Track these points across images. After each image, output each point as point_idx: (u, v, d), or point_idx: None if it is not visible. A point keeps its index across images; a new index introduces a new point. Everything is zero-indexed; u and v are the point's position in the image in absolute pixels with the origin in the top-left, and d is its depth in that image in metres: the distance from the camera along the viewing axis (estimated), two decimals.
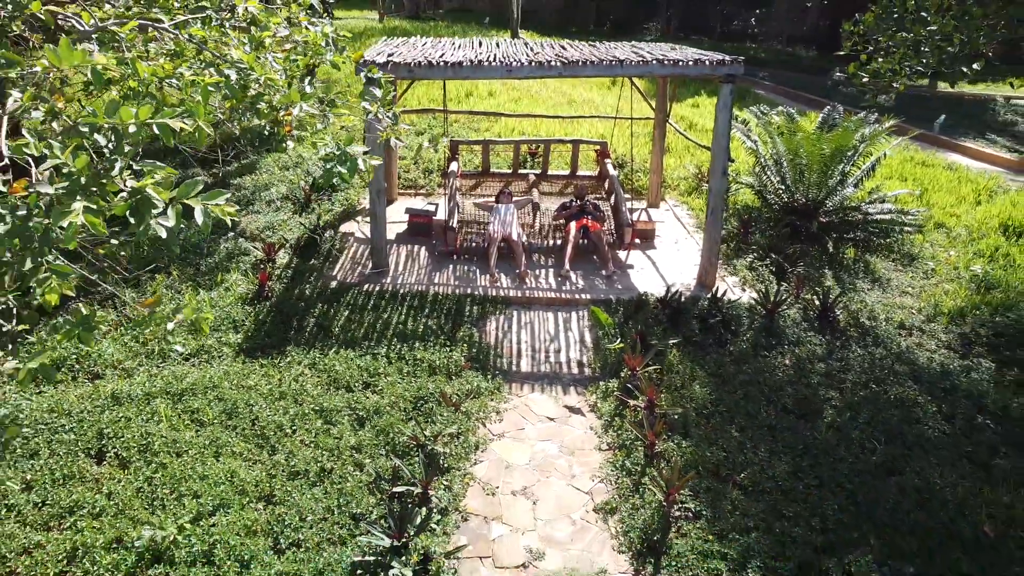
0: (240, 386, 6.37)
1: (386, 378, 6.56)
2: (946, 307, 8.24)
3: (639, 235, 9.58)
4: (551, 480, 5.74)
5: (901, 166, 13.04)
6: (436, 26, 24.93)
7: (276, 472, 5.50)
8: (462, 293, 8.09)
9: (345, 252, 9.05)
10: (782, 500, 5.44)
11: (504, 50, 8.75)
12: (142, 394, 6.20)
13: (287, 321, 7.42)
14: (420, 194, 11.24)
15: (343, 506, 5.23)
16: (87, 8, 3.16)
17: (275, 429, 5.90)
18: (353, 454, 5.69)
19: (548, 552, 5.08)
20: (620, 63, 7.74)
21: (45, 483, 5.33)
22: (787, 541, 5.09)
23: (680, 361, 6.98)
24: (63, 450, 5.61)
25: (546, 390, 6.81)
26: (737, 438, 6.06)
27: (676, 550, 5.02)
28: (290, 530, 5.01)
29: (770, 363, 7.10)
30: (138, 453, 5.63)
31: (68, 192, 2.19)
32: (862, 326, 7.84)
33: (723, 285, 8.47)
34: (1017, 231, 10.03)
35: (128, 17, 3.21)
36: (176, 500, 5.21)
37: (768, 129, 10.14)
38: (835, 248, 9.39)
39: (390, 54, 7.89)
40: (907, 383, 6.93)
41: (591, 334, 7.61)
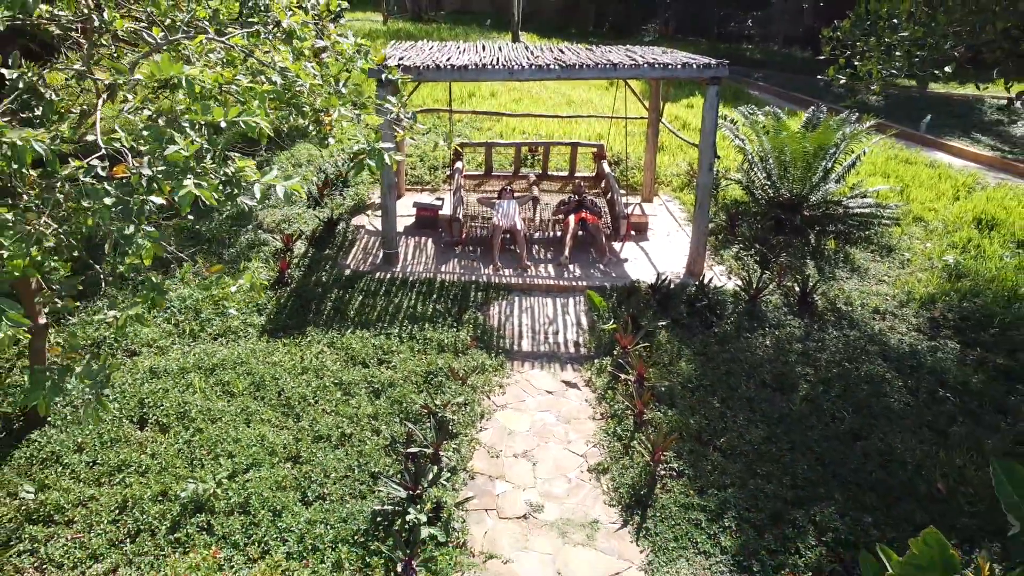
0: (266, 362, 6.98)
1: (399, 355, 7.17)
2: (918, 294, 8.84)
3: (633, 228, 10.17)
4: (549, 445, 6.34)
5: (885, 164, 13.63)
6: (439, 28, 25.53)
7: (301, 436, 6.11)
8: (467, 280, 8.70)
9: (357, 243, 9.65)
10: (757, 461, 6.05)
11: (506, 54, 9.36)
12: (177, 369, 6.81)
13: (306, 305, 8.03)
14: (426, 190, 11.84)
15: (363, 465, 5.84)
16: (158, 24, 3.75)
17: (299, 399, 6.51)
18: (370, 421, 6.30)
19: (546, 505, 5.69)
20: (614, 66, 8.35)
21: (95, 445, 5.94)
22: (760, 495, 5.70)
23: (668, 341, 7.59)
24: (108, 417, 6.21)
25: (545, 367, 7.42)
26: (718, 408, 6.67)
27: (660, 503, 5.63)
28: (316, 485, 5.62)
29: (751, 343, 7.71)
30: (176, 420, 6.24)
31: (182, 170, 2.79)
32: (839, 311, 8.45)
33: (710, 273, 9.08)
34: (989, 224, 10.63)
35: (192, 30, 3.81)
36: (213, 460, 5.82)
37: (755, 128, 10.75)
38: (817, 240, 10.00)
39: (400, 58, 8.50)
40: (877, 361, 7.53)
41: (587, 318, 8.22)
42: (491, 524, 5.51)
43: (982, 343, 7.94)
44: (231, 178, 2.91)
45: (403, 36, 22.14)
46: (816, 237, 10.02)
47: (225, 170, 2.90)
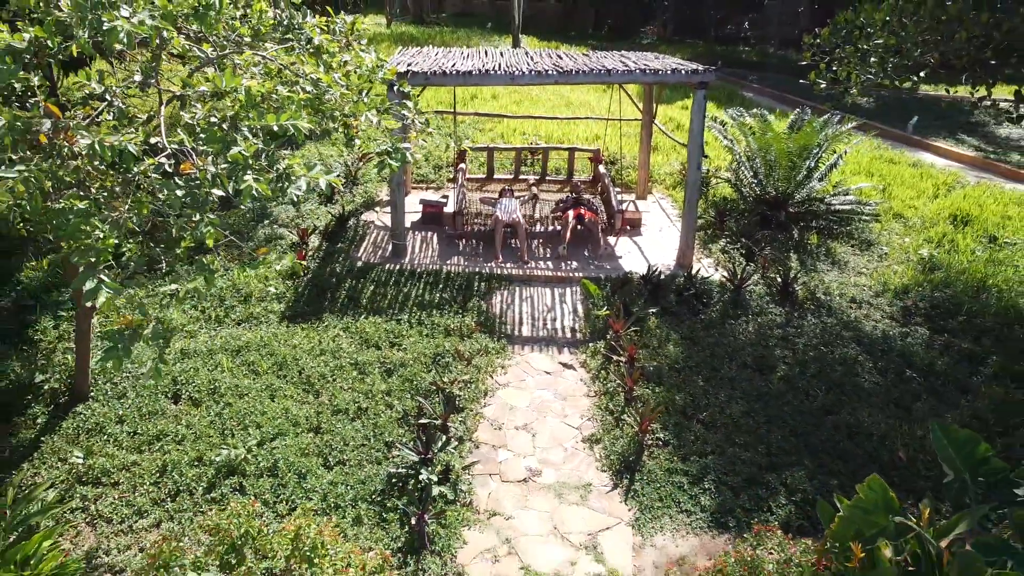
0: (287, 344, 7.59)
1: (409, 338, 7.79)
2: (893, 284, 9.45)
3: (627, 223, 10.78)
4: (547, 419, 6.95)
5: (870, 163, 14.24)
6: (441, 31, 26.13)
7: (321, 410, 6.72)
8: (471, 271, 9.31)
9: (367, 237, 10.26)
10: (735, 432, 6.66)
11: (507, 59, 9.97)
12: (206, 350, 7.42)
13: (322, 293, 8.64)
14: (431, 188, 12.45)
15: (378, 436, 6.45)
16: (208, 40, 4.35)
17: (318, 377, 7.12)
18: (384, 397, 6.91)
19: (544, 471, 6.30)
20: (608, 72, 8.96)
21: (134, 417, 6.55)
22: (737, 462, 6.32)
23: (657, 326, 8.20)
24: (145, 392, 6.83)
25: (543, 350, 8.03)
26: (702, 386, 7.28)
27: (647, 468, 6.24)
28: (336, 452, 6.23)
29: (735, 329, 8.32)
30: (207, 395, 6.85)
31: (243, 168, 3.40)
32: (818, 300, 9.05)
33: (699, 265, 9.68)
34: (963, 220, 11.23)
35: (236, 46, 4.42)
36: (242, 430, 6.43)
37: (742, 129, 11.36)
38: (800, 235, 10.61)
39: (408, 64, 9.10)
40: (851, 345, 8.14)
41: (583, 306, 8.83)
42: (494, 487, 6.12)
43: (950, 329, 8.55)
44: (282, 173, 3.51)
45: (407, 39, 22.74)
46: (799, 232, 10.63)
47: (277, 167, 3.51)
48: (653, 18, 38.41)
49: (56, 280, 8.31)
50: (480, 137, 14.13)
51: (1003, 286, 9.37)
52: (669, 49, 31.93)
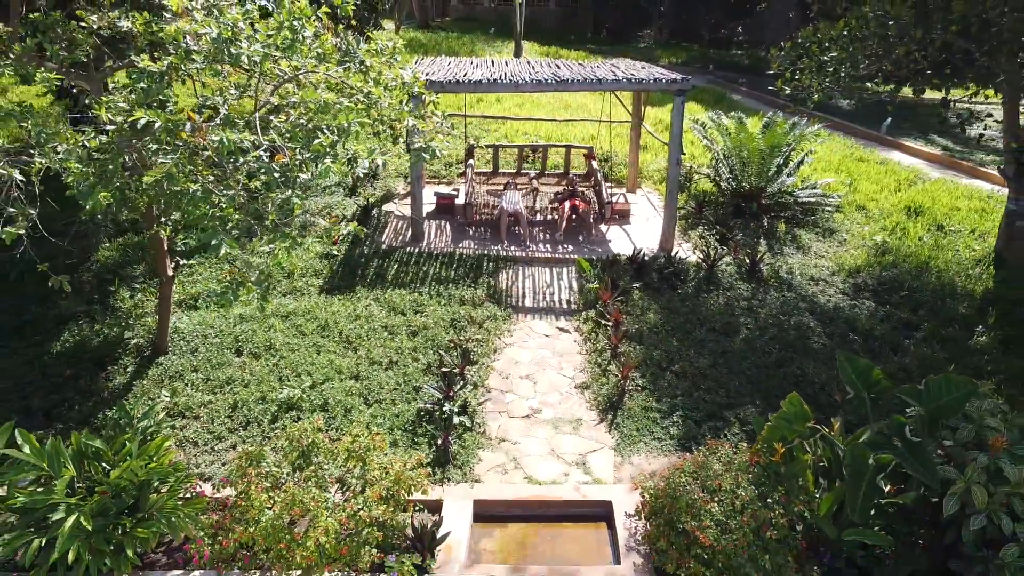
0: (327, 311, 9.00)
1: (429, 307, 9.20)
2: (848, 265, 10.86)
3: (617, 213, 12.19)
4: (546, 371, 8.36)
5: (841, 161, 15.65)
6: (447, 37, 27.54)
7: (360, 362, 8.13)
8: (480, 253, 10.71)
9: (389, 225, 11.67)
10: (700, 380, 8.08)
11: (512, 69, 11.38)
12: (260, 314, 8.84)
13: (353, 271, 10.05)
14: (442, 182, 13.85)
15: (407, 382, 7.86)
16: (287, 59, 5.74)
17: (355, 337, 8.53)
18: (411, 352, 8.32)
19: (544, 409, 7.71)
20: (599, 81, 10.38)
21: (206, 367, 7.96)
22: (701, 402, 7.73)
23: (640, 298, 9.61)
24: (213, 348, 8.24)
25: (543, 318, 9.44)
26: (676, 345, 8.69)
27: (627, 407, 7.65)
28: (374, 393, 7.64)
29: (706, 301, 9.73)
30: (265, 350, 8.26)
31: (322, 155, 4.81)
32: (781, 278, 10.46)
33: (678, 249, 11.09)
34: (916, 211, 12.64)
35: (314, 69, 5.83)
36: (296, 376, 7.84)
37: (720, 130, 12.78)
38: (770, 223, 12.02)
39: (426, 74, 10.51)
40: (805, 315, 9.55)
41: (577, 282, 10.24)
42: (503, 421, 7.53)
43: (892, 302, 9.96)
44: (351, 157, 4.91)
45: (416, 45, 24.15)
46: (769, 221, 12.04)
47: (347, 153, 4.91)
48: (650, 22, 39.77)
49: (128, 258, 9.73)
50: (486, 136, 15.53)
51: (943, 267, 10.78)
52: (665, 53, 33.36)
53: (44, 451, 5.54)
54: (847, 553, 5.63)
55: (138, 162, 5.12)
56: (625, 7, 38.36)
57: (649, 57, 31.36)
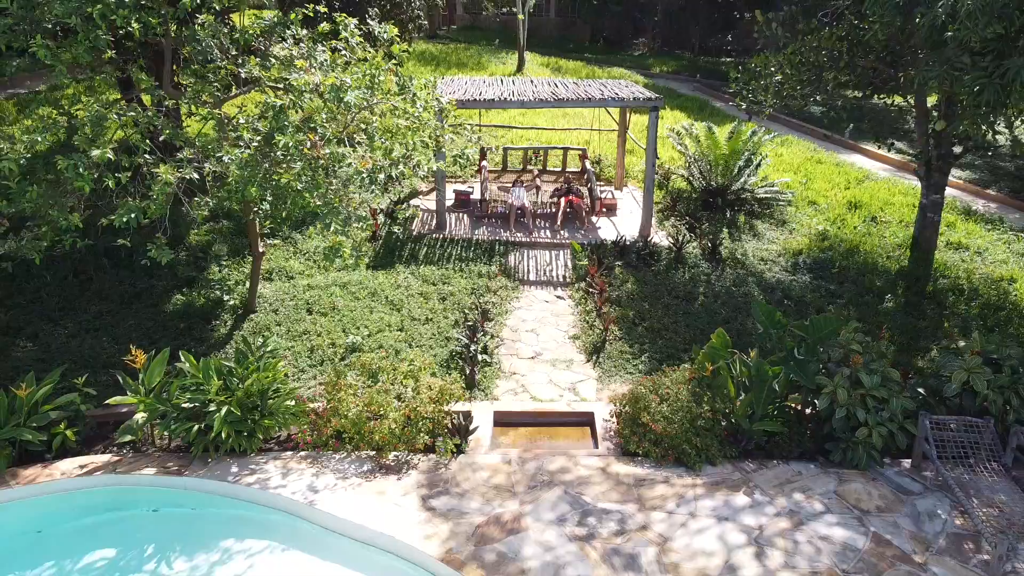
0: (374, 282, 11.46)
1: (454, 279, 11.66)
2: (792, 249, 13.32)
3: (605, 207, 14.66)
4: (546, 326, 10.82)
5: (802, 163, 18.11)
6: (456, 49, 29.98)
7: (403, 319, 10.59)
8: (493, 239, 13.17)
9: (416, 217, 14.15)
10: (664, 332, 10.54)
11: (518, 88, 13.84)
12: (323, 285, 11.30)
13: (391, 252, 12.52)
14: (459, 181, 16.32)
15: (440, 333, 10.32)
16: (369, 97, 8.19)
17: (398, 301, 11.00)
18: (442, 312, 10.78)
19: (544, 352, 10.17)
20: (590, 99, 12.84)
21: (287, 322, 10.42)
22: (663, 347, 10.19)
23: (621, 273, 12.07)
24: (290, 308, 10.70)
25: (544, 288, 11.91)
26: (647, 308, 11.15)
27: (607, 351, 10.11)
28: (416, 340, 10.10)
29: (674, 276, 12.19)
30: (329, 310, 10.72)
31: (394, 163, 7.27)
32: (736, 259, 12.92)
33: (655, 235, 13.55)
34: (856, 205, 15.11)
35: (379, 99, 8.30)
36: (355, 328, 10.29)
37: (691, 137, 15.24)
38: (732, 215, 14.48)
39: (450, 93, 12.96)
40: (752, 286, 12.01)
41: (571, 261, 12.70)
42: (513, 361, 9.99)
43: (823, 277, 12.42)
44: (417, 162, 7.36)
45: (428, 58, 26.62)
46: (732, 213, 14.50)
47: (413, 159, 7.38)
48: (644, 31, 42.23)
49: (214, 241, 12.21)
50: (495, 142, 18.00)
51: (869, 249, 13.25)
52: (656, 62, 35.78)
53: (199, 367, 8.01)
54: (756, 438, 8.08)
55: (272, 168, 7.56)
56: (620, 17, 40.78)
57: (642, 66, 33.84)
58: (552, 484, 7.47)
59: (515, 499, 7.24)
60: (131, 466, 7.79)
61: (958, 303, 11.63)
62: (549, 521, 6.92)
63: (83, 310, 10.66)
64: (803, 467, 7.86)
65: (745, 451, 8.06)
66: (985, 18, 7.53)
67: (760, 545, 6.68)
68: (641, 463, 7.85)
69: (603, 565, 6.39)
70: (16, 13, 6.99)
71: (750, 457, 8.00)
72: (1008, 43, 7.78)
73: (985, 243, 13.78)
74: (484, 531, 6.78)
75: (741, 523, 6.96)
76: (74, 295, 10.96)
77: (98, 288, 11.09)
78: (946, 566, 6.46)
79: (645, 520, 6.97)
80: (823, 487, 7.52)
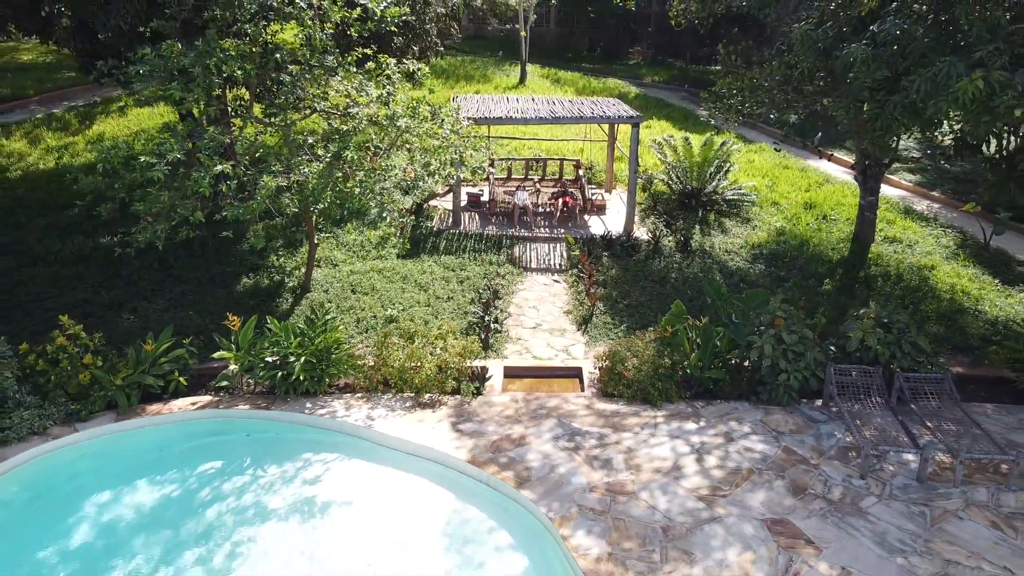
0: (403, 269, 13.98)
1: (469, 266, 14.19)
2: (752, 242, 15.82)
3: (596, 207, 17.17)
4: (545, 304, 13.35)
5: (771, 168, 20.62)
6: (463, 61, 32.49)
7: (429, 297, 13.11)
8: (500, 234, 15.68)
9: (435, 215, 16.66)
10: (640, 308, 13.05)
11: (522, 105, 16.34)
12: (362, 271, 13.83)
13: (416, 244, 15.04)
14: (470, 184, 18.82)
15: (459, 308, 12.83)
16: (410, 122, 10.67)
17: (424, 283, 13.52)
18: (460, 291, 13.30)
19: (543, 323, 12.69)
20: (582, 116, 15.35)
21: (336, 299, 12.94)
22: (639, 318, 12.69)
23: (607, 262, 14.59)
24: (338, 288, 13.23)
25: (543, 274, 14.43)
26: (627, 289, 13.66)
27: (594, 322, 12.62)
28: (440, 314, 12.61)
29: (651, 264, 14.70)
30: (369, 290, 13.24)
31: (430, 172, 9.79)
32: (704, 251, 15.43)
33: (637, 231, 16.06)
34: (811, 205, 17.62)
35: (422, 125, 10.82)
36: (391, 304, 12.81)
37: (670, 148, 17.76)
38: (704, 214, 16.99)
39: (466, 110, 15.45)
40: (716, 272, 14.51)
41: (566, 252, 15.21)
42: (519, 330, 12.49)
43: (775, 265, 14.92)
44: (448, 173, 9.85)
45: (439, 71, 29.12)
46: (703, 212, 17.01)
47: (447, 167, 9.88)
48: (639, 41, 44.75)
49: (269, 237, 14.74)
50: (501, 151, 20.52)
51: (817, 243, 15.75)
52: (649, 72, 38.30)
53: (282, 328, 10.53)
54: (704, 384, 10.56)
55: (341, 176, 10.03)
56: (617, 28, 43.32)
57: (635, 76, 36.35)
58: (549, 415, 9.97)
59: (521, 424, 9.74)
60: (228, 404, 10.29)
61: (885, 286, 14.12)
62: (546, 439, 9.42)
63: (168, 291, 13.17)
64: (739, 404, 10.35)
65: (696, 393, 10.55)
66: (875, 64, 10.04)
67: (700, 454, 9.18)
68: (616, 401, 10.35)
69: (585, 465, 8.89)
70: (153, 61, 9.48)
71: (699, 398, 10.50)
72: (894, 83, 10.26)
73: (917, 237, 16.28)
74: (498, 444, 9.29)
75: (688, 440, 9.46)
76: (159, 279, 13.48)
77: (178, 273, 13.61)
78: (832, 466, 8.96)
79: (617, 438, 9.47)
80: (752, 417, 10.02)
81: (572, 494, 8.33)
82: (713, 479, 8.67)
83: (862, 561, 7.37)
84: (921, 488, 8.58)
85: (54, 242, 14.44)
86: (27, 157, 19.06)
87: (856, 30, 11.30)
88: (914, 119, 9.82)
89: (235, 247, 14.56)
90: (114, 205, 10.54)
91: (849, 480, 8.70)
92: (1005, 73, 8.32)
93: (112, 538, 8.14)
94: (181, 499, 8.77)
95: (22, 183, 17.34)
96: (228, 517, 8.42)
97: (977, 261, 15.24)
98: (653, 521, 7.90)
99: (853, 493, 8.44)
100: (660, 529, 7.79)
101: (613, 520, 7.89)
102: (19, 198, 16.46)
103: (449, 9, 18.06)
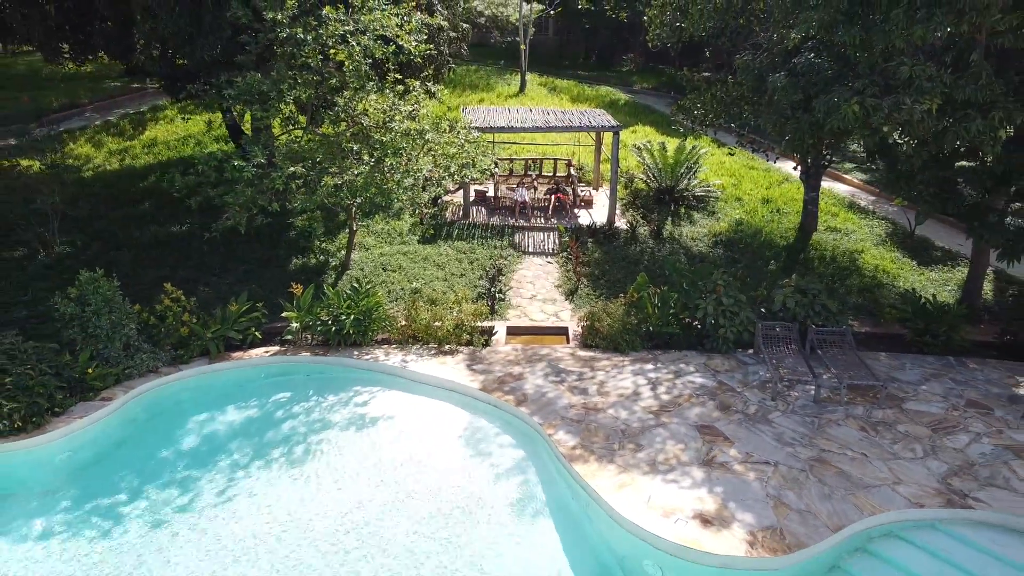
0: (424, 251, 17.02)
1: (478, 250, 17.24)
2: (715, 231, 18.85)
3: (584, 202, 20.20)
4: (540, 280, 16.40)
5: (738, 169, 23.64)
6: (468, 71, 35.49)
7: (446, 274, 16.15)
8: (503, 224, 18.72)
9: (448, 208, 19.71)
10: (618, 283, 16.10)
11: (521, 116, 19.39)
12: (391, 253, 16.88)
13: (434, 232, 18.08)
14: (476, 182, 21.86)
15: (471, 283, 15.87)
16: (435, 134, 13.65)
17: (442, 263, 16.56)
18: (471, 269, 16.34)
19: (538, 295, 15.73)
20: (571, 125, 18.40)
21: (371, 275, 15.98)
22: (615, 290, 15.73)
23: (592, 247, 17.63)
24: (372, 267, 16.28)
25: (539, 257, 17.48)
26: (607, 269, 16.70)
27: (579, 293, 15.66)
28: (455, 287, 15.66)
29: (628, 249, 17.74)
30: (396, 269, 16.29)
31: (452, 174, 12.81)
32: (674, 238, 18.46)
33: (618, 222, 19.09)
34: (767, 200, 20.65)
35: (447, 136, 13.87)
36: (416, 279, 15.86)
37: (648, 152, 20.80)
38: (676, 208, 20.03)
39: (474, 120, 18.48)
40: (682, 256, 17.53)
41: (558, 239, 18.25)
42: (519, 299, 15.53)
43: (732, 250, 17.95)
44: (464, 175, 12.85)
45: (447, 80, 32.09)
46: (675, 206, 20.04)
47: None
48: (632, 48, 47.72)
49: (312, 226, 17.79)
50: (502, 153, 23.56)
51: (768, 231, 18.77)
52: (639, 78, 41.30)
53: (335, 293, 13.58)
54: (662, 337, 13.58)
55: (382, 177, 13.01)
56: (611, 36, 46.31)
57: (626, 82, 39.36)
58: (541, 360, 13.00)
59: (519, 366, 12.78)
60: (292, 352, 13.32)
61: (820, 267, 17.15)
62: (539, 375, 12.46)
63: (233, 269, 16.22)
64: (688, 352, 13.38)
65: (655, 344, 13.58)
66: (792, 89, 13.06)
67: (655, 385, 12.21)
68: (593, 351, 13.39)
69: (568, 392, 11.92)
70: (240, 87, 12.50)
71: (658, 348, 13.53)
72: (807, 104, 13.28)
73: (855, 227, 19.31)
74: (503, 379, 12.32)
75: (646, 376, 12.49)
76: (224, 260, 16.53)
77: (240, 255, 16.66)
78: (752, 392, 11.99)
79: (593, 375, 12.50)
80: (697, 361, 13.05)
81: (557, 411, 11.36)
82: (662, 401, 11.70)
83: (762, 449, 10.41)
84: (815, 407, 11.62)
85: (132, 231, 17.48)
86: (94, 159, 22.14)
87: (784, 60, 14.33)
88: (819, 133, 12.84)
89: (283, 235, 17.61)
90: (200, 200, 13.56)
91: (763, 402, 11.73)
92: (876, 100, 11.33)
93: (208, 445, 11.16)
94: (258, 419, 11.77)
95: (96, 181, 20.40)
96: (295, 430, 11.44)
97: (901, 246, 18.28)
98: (615, 426, 10.94)
99: (764, 410, 11.48)
100: (620, 431, 10.83)
101: (586, 426, 10.93)
102: (96, 194, 19.51)
103: (460, 33, 21.01)
